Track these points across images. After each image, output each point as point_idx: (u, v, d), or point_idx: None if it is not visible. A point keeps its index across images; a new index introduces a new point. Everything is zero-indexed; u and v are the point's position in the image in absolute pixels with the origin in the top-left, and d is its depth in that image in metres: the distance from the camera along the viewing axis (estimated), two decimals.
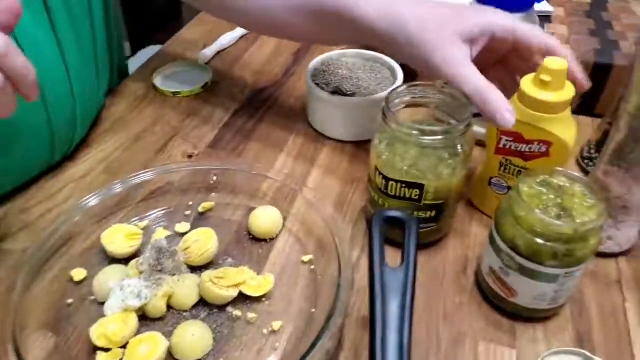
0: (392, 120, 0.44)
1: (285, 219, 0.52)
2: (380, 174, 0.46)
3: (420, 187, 0.44)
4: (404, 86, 0.47)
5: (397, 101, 0.47)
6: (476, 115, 0.44)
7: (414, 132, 0.43)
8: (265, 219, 0.50)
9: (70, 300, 0.44)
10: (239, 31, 0.85)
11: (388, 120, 0.44)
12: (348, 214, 0.54)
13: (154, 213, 0.53)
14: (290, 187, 0.53)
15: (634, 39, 0.66)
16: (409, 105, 0.48)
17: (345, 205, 0.55)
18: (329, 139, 0.64)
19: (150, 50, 1.32)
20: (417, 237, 0.36)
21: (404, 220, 0.37)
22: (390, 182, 0.45)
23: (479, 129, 0.54)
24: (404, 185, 0.44)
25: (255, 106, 0.70)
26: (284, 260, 0.49)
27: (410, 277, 0.34)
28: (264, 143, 0.64)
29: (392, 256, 0.45)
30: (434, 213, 0.46)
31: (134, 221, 0.51)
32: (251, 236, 0.51)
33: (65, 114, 0.55)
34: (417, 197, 0.45)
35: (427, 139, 0.43)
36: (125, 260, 0.47)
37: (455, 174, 0.45)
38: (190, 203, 0.54)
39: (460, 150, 0.44)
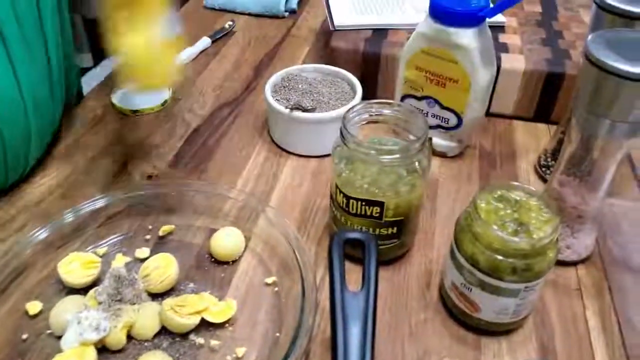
0: (350, 140, 0.44)
1: (248, 239, 0.51)
2: (341, 192, 0.46)
3: (381, 204, 0.44)
4: (361, 104, 0.47)
5: (356, 119, 0.47)
6: (431, 127, 0.44)
7: (372, 151, 0.43)
8: (226, 240, 0.50)
9: (25, 336, 0.43)
10: (199, 46, 0.84)
11: (346, 139, 0.44)
12: (311, 231, 0.54)
13: (113, 239, 0.51)
14: (252, 207, 0.53)
15: (581, 49, 0.68)
16: (369, 122, 0.48)
17: (308, 222, 0.55)
18: (292, 154, 0.64)
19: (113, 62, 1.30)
20: (377, 258, 0.36)
21: (363, 241, 0.37)
22: (351, 200, 0.45)
23: (438, 141, 0.55)
24: (364, 203, 0.45)
25: (216, 123, 0.70)
26: (247, 282, 0.48)
27: (371, 302, 0.34)
28: (226, 160, 0.63)
29: (355, 276, 0.45)
30: (395, 229, 0.46)
31: (92, 248, 0.50)
32: (213, 259, 0.50)
33: (18, 131, 0.53)
34: (377, 215, 0.45)
35: (385, 158, 0.43)
36: (83, 290, 0.46)
37: (415, 190, 0.45)
38: (150, 227, 0.53)
39: (417, 167, 0.45)
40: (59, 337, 0.42)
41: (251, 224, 0.53)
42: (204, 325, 0.44)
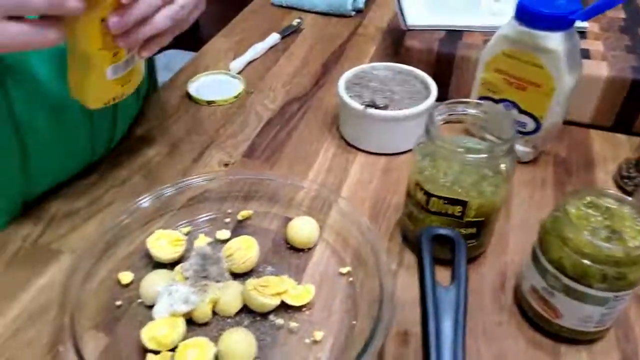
0: (437, 137, 0.44)
1: (321, 229, 0.53)
2: (422, 189, 0.46)
3: (464, 204, 0.45)
4: (446, 103, 0.48)
5: (438, 117, 0.47)
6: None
7: (459, 149, 0.43)
8: (303, 229, 0.51)
9: (119, 302, 0.46)
10: (268, 42, 0.86)
11: (432, 136, 0.44)
12: (382, 227, 0.55)
13: (194, 220, 0.54)
14: (324, 197, 0.54)
15: None
16: (446, 122, 0.49)
17: (379, 218, 0.56)
18: (361, 151, 0.65)
19: (173, 54, 1.34)
20: (466, 255, 0.36)
21: (453, 238, 0.37)
22: (432, 198, 0.46)
23: (519, 148, 0.55)
24: (446, 202, 0.45)
25: (287, 117, 0.71)
26: (322, 270, 0.49)
27: (462, 296, 0.34)
28: (296, 154, 0.65)
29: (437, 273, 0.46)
30: (475, 230, 0.47)
31: (177, 227, 0.52)
32: (289, 245, 0.52)
33: (105, 110, 0.56)
34: (459, 214, 0.45)
35: (472, 157, 0.44)
36: (169, 265, 0.48)
37: (498, 192, 0.45)
38: (229, 211, 0.55)
39: (503, 169, 0.45)
40: (149, 306, 0.45)
41: (324, 214, 0.54)
42: (283, 307, 0.45)
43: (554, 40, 0.52)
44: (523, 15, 0.53)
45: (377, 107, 0.62)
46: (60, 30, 0.37)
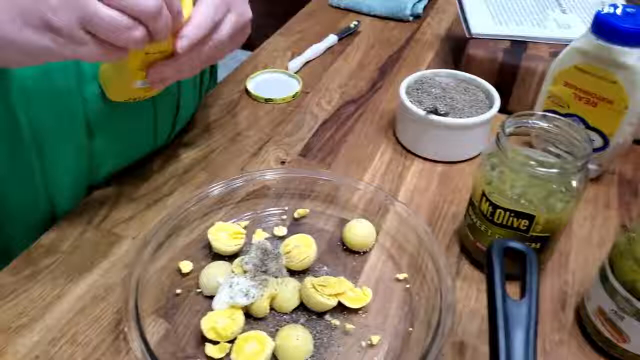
0: (508, 148, 0.43)
1: (377, 232, 0.53)
2: (488, 200, 0.45)
3: (531, 218, 0.44)
4: (516, 115, 0.47)
5: (508, 129, 0.47)
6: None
7: (531, 162, 0.43)
8: (360, 231, 0.51)
9: (178, 291, 0.47)
10: (325, 43, 0.87)
11: (504, 147, 0.44)
12: (439, 236, 0.54)
13: (252, 214, 0.54)
14: (381, 201, 0.54)
15: None
16: (512, 134, 0.48)
17: (436, 227, 0.55)
18: (418, 157, 0.64)
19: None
20: (538, 270, 0.35)
21: (525, 252, 0.36)
22: (498, 210, 0.45)
23: (591, 166, 0.53)
24: (512, 215, 0.44)
25: (343, 118, 0.71)
26: (378, 275, 0.49)
27: (534, 311, 0.33)
28: (352, 155, 0.65)
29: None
30: (539, 245, 0.46)
31: (234, 220, 0.53)
32: (344, 247, 0.52)
33: (169, 100, 0.58)
34: (525, 228, 0.44)
35: (543, 170, 0.43)
36: (228, 257, 0.49)
37: (567, 209, 0.44)
38: (286, 208, 0.55)
39: (574, 186, 0.44)
40: (207, 297, 0.45)
41: (380, 218, 0.54)
42: (339, 308, 0.45)
43: (632, 56, 0.50)
44: (601, 29, 0.51)
45: (438, 114, 0.61)
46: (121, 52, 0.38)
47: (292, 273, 0.48)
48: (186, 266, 0.48)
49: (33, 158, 0.49)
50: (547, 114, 0.47)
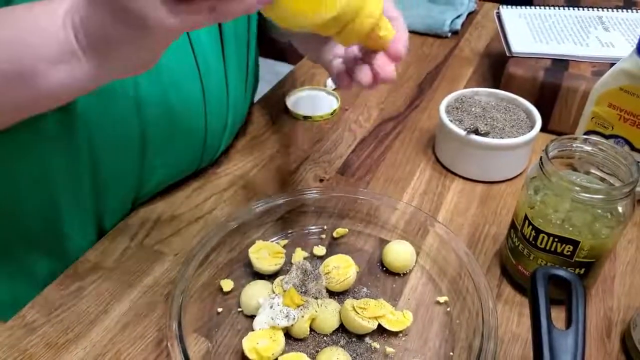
0: (552, 173, 0.43)
1: (417, 254, 0.52)
2: (531, 224, 0.45)
3: (575, 243, 0.43)
4: (561, 139, 0.46)
5: (552, 153, 0.46)
6: None
7: (576, 187, 0.42)
8: (400, 253, 0.51)
9: (220, 309, 0.48)
10: None
11: (547, 172, 0.43)
12: (479, 258, 0.54)
13: (291, 233, 0.55)
14: (421, 222, 0.54)
15: None
16: (555, 157, 0.47)
17: (476, 249, 0.55)
18: (458, 176, 0.64)
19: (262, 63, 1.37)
20: (585, 299, 0.35)
21: (570, 281, 0.36)
22: (542, 235, 0.44)
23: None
24: (557, 240, 0.44)
25: (381, 136, 0.72)
26: (418, 298, 0.49)
27: (581, 341, 0.33)
28: (391, 174, 0.65)
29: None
30: (583, 270, 0.45)
31: (274, 239, 0.54)
32: (384, 268, 0.52)
33: (219, 122, 0.59)
34: (569, 253, 0.44)
35: (586, 196, 0.42)
36: (267, 276, 0.50)
37: (613, 235, 0.43)
38: (325, 227, 0.56)
39: (621, 211, 0.43)
40: (247, 316, 0.46)
41: (420, 239, 0.54)
42: (379, 331, 0.45)
43: None
44: None
45: (479, 134, 0.61)
46: None
47: (331, 294, 0.48)
48: (227, 284, 0.49)
49: (86, 176, 0.51)
50: (591, 137, 0.46)
